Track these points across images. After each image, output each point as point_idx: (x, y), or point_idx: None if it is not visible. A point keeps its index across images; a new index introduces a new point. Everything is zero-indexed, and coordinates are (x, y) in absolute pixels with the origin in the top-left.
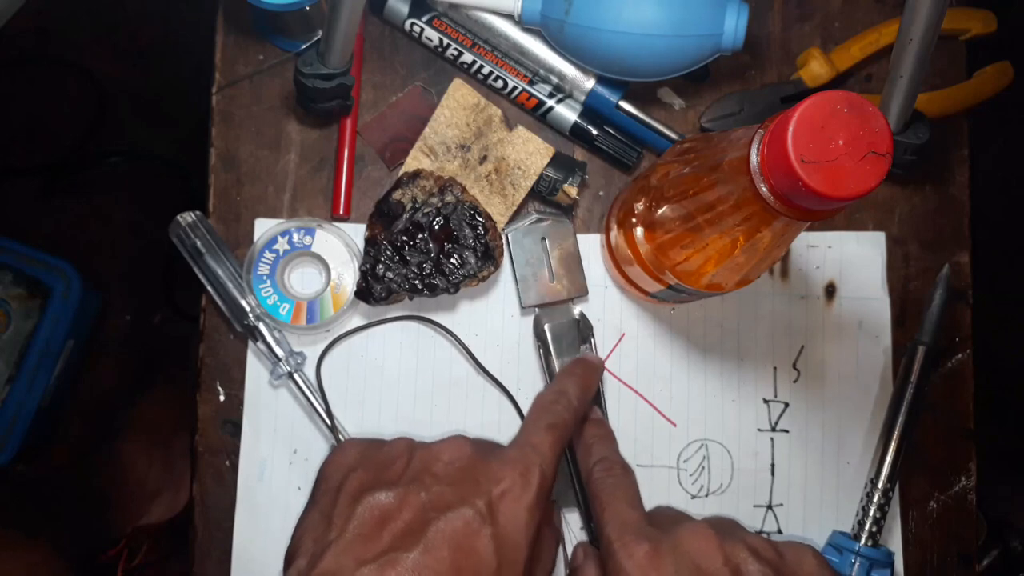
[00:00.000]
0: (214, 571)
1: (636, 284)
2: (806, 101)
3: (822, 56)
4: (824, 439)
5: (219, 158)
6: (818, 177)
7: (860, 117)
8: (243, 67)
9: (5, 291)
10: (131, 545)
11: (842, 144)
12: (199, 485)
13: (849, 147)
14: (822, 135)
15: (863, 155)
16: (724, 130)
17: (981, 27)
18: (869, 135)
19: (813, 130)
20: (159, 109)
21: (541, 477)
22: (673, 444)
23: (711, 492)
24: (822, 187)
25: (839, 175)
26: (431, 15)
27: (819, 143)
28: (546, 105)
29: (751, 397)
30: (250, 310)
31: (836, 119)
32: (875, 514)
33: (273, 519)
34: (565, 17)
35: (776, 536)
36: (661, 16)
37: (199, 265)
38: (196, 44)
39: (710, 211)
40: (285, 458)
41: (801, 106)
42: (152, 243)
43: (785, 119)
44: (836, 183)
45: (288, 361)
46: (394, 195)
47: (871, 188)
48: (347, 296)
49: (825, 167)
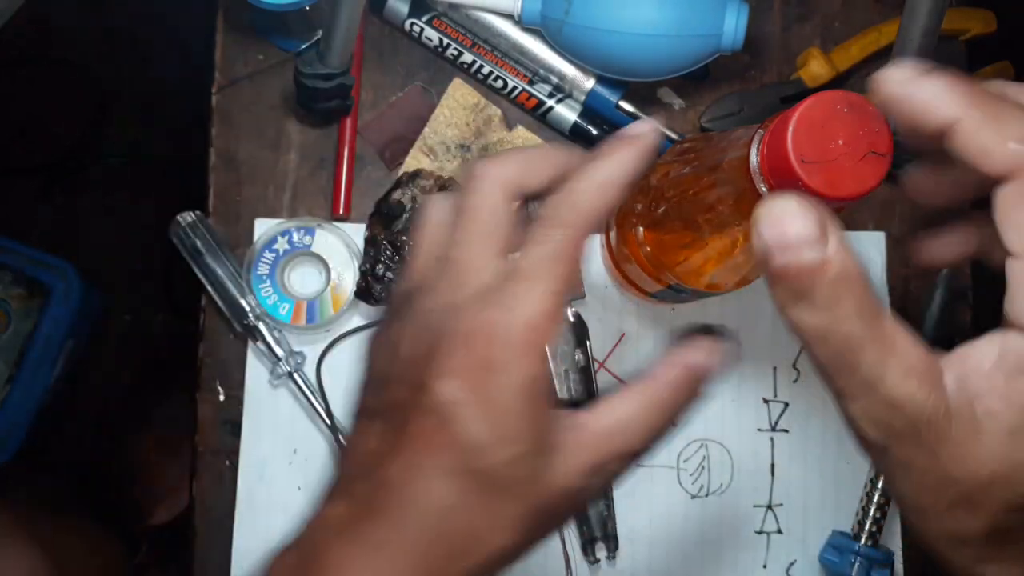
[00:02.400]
0: (214, 571)
1: (636, 284)
2: (806, 101)
3: (822, 56)
4: (824, 439)
5: (219, 158)
6: (818, 177)
7: (860, 117)
8: (243, 67)
9: (5, 291)
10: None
11: (842, 144)
12: (199, 485)
13: (849, 147)
14: (822, 135)
15: (863, 155)
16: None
17: (981, 27)
18: (869, 135)
19: (813, 130)
20: (159, 109)
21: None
22: (673, 444)
23: (711, 492)
24: (822, 187)
25: (839, 175)
26: (431, 15)
27: (819, 143)
28: (546, 105)
29: (751, 397)
30: (250, 310)
31: (836, 119)
32: (875, 514)
33: (273, 519)
34: (565, 17)
35: (775, 536)
36: (661, 16)
37: (199, 265)
38: (196, 44)
39: (710, 211)
40: (285, 458)
41: (801, 106)
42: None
43: (785, 119)
44: (836, 183)
45: (288, 361)
46: (394, 195)
47: (871, 188)
48: (347, 296)
49: (825, 167)
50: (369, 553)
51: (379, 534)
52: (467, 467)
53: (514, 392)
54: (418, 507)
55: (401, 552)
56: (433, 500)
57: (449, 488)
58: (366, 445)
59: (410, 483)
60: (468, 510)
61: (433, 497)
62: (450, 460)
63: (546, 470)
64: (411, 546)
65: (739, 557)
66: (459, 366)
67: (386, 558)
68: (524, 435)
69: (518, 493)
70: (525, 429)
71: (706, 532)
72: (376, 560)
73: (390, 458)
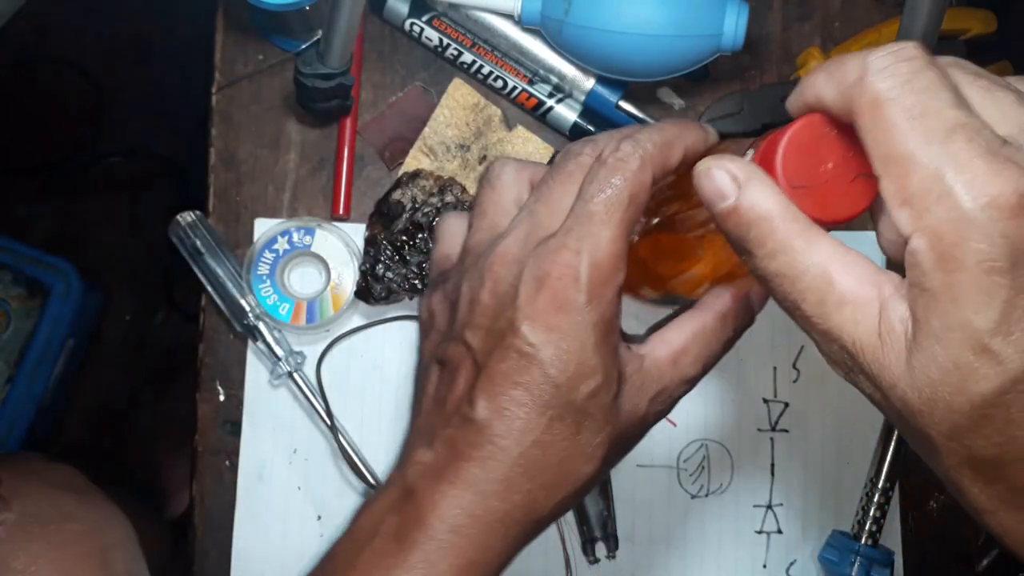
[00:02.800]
0: (214, 571)
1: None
2: (795, 124)
3: (822, 56)
4: (824, 439)
5: (219, 158)
6: (808, 202)
7: (849, 138)
8: (243, 67)
9: (5, 291)
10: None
11: (831, 167)
12: (199, 485)
13: (839, 169)
14: (811, 159)
15: (853, 177)
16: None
17: (981, 27)
18: (858, 156)
19: (802, 154)
20: (159, 109)
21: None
22: (673, 444)
23: (711, 492)
24: (813, 212)
25: (830, 198)
26: (431, 15)
27: (809, 167)
28: (546, 105)
29: (751, 397)
30: (250, 310)
31: (825, 141)
32: (875, 514)
33: (273, 519)
34: (565, 17)
35: (775, 536)
36: (661, 16)
37: (199, 265)
38: (196, 44)
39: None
40: (285, 458)
41: (789, 130)
42: (152, 243)
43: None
44: (827, 207)
45: (288, 361)
46: (394, 195)
47: (862, 210)
48: (347, 296)
49: (815, 191)
50: (461, 491)
51: (470, 473)
52: (552, 401)
53: (588, 329)
54: (507, 443)
55: (492, 489)
56: (523, 435)
57: (537, 422)
58: (445, 392)
59: (497, 421)
60: (556, 443)
61: (522, 432)
62: (536, 396)
63: (619, 399)
64: (502, 482)
65: (739, 557)
66: (536, 308)
67: (478, 494)
68: (599, 369)
69: (600, 422)
70: (600, 363)
71: (706, 532)
72: (468, 496)
73: (474, 400)
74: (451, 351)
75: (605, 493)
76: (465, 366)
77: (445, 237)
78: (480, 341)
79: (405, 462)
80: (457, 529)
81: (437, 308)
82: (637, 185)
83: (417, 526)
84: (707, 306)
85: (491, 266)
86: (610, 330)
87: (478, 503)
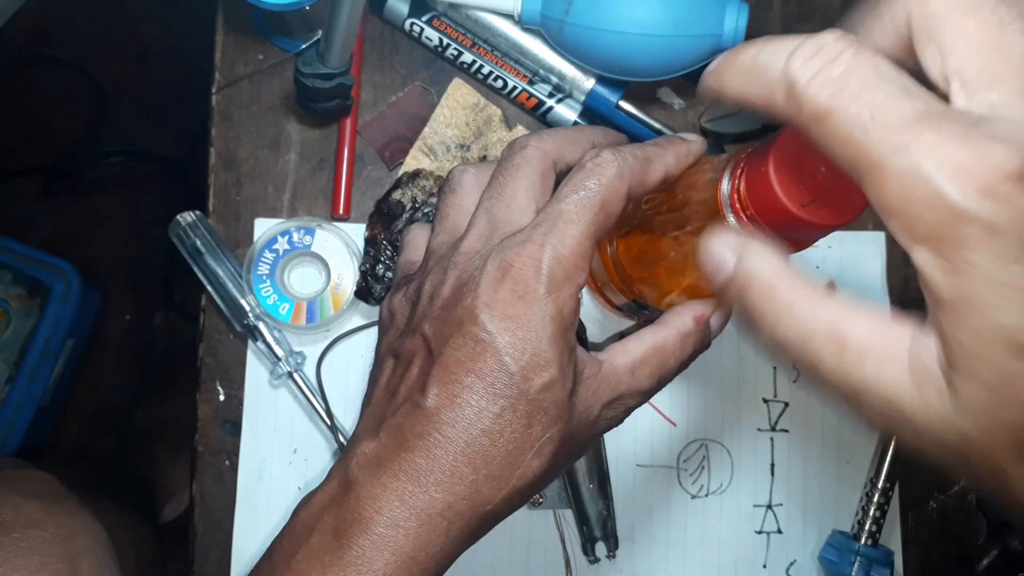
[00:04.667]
0: (214, 571)
1: (603, 293)
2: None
3: None
4: (824, 439)
5: (219, 158)
6: (822, 212)
7: None
8: (243, 67)
9: (5, 291)
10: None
11: (824, 171)
12: (199, 485)
13: (832, 171)
14: (803, 171)
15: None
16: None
17: None
18: None
19: (793, 171)
20: (159, 109)
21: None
22: (673, 444)
23: (711, 492)
24: (830, 219)
25: (837, 201)
26: (431, 15)
27: (805, 180)
28: (546, 105)
29: (751, 397)
30: (250, 310)
31: (805, 151)
32: (875, 514)
33: (273, 519)
34: (565, 17)
35: (775, 536)
36: (661, 16)
37: (199, 265)
38: (196, 44)
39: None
40: (285, 458)
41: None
42: (152, 243)
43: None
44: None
45: (288, 361)
46: (394, 195)
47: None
48: (347, 296)
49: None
50: (403, 483)
51: (413, 463)
52: (505, 390)
53: (546, 321)
54: (455, 431)
55: (435, 479)
56: (472, 423)
57: (489, 410)
58: (396, 383)
59: (447, 408)
60: (505, 433)
61: (472, 420)
62: (489, 383)
63: (574, 398)
64: (445, 472)
65: (739, 557)
66: (497, 298)
67: (419, 485)
68: (554, 362)
69: (552, 417)
70: (555, 357)
71: (706, 532)
72: (409, 488)
73: (426, 387)
74: (407, 343)
75: (605, 493)
76: (420, 355)
77: (410, 245)
78: (437, 331)
79: (348, 454)
80: (395, 523)
81: (398, 307)
82: (611, 192)
83: (355, 520)
84: (669, 323)
85: (455, 262)
86: (568, 327)
87: (419, 494)
